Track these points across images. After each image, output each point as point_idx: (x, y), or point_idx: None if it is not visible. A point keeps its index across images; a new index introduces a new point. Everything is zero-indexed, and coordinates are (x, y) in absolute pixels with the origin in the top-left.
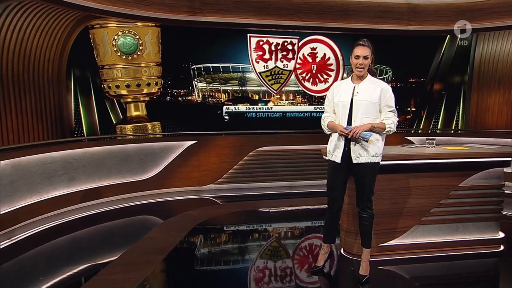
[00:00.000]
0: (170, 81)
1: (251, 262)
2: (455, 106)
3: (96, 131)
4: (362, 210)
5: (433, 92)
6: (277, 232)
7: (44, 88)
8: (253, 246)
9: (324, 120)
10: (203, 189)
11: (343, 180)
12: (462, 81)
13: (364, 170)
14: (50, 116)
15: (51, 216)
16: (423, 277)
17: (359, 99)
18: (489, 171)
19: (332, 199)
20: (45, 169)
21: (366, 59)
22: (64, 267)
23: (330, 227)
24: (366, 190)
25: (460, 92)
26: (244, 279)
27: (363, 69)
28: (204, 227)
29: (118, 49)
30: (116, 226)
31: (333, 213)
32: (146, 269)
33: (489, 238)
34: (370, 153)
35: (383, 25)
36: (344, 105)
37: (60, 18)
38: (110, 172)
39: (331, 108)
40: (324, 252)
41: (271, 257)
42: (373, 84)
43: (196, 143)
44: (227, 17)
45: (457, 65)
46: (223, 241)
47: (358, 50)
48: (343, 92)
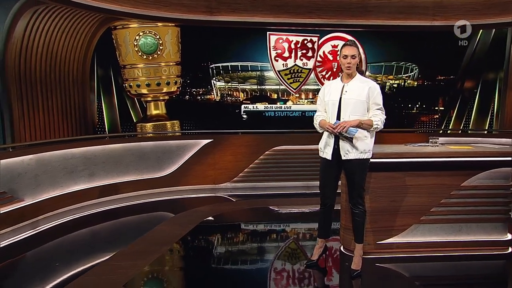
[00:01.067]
0: (189, 80)
1: (250, 255)
2: (489, 104)
3: (117, 129)
4: (353, 206)
5: (464, 90)
6: (282, 230)
7: (70, 87)
8: (255, 242)
9: (316, 119)
10: (219, 187)
11: (334, 177)
12: (496, 78)
13: (353, 167)
14: (74, 115)
15: (72, 209)
16: (424, 276)
17: (347, 97)
18: (494, 171)
19: (324, 195)
20: (66, 164)
21: (354, 58)
22: (80, 256)
23: (323, 223)
24: (356, 186)
25: (494, 90)
26: (240, 271)
27: (352, 67)
28: (211, 222)
29: (139, 49)
30: (132, 221)
31: (326, 209)
32: (151, 258)
33: (496, 240)
34: (359, 149)
35: (406, 21)
36: (334, 103)
37: (84, 20)
38: (127, 169)
39: (323, 107)
40: (319, 246)
41: (270, 252)
42: (362, 83)
43: (212, 142)
44: (244, 16)
45: (491, 61)
46: (227, 235)
47: (346, 50)
48: (333, 91)
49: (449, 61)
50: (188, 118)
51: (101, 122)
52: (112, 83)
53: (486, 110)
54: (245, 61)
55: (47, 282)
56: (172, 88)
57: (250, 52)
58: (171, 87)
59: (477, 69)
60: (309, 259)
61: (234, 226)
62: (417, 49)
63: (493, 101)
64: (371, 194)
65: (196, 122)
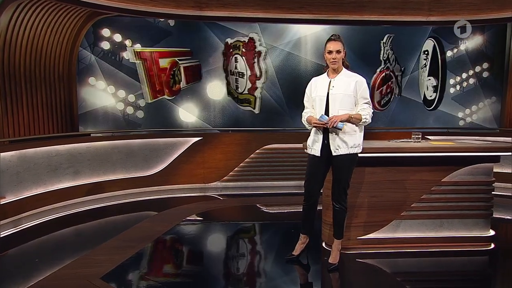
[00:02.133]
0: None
1: (228, 253)
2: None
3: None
4: (336, 203)
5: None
6: (266, 227)
7: (55, 83)
8: (237, 239)
9: (304, 116)
10: (208, 187)
11: (322, 174)
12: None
13: (343, 162)
14: (60, 111)
15: (56, 208)
16: (405, 272)
17: (335, 92)
18: (476, 166)
19: (309, 191)
20: (51, 162)
21: (338, 53)
22: (60, 253)
23: (306, 219)
24: (342, 182)
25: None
26: (217, 268)
27: (337, 62)
28: (194, 219)
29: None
30: (117, 220)
31: (310, 205)
32: (129, 253)
33: (478, 236)
34: (349, 144)
35: (400, 16)
36: (321, 99)
37: (70, 15)
38: (114, 167)
39: (310, 103)
40: (301, 242)
41: (250, 249)
42: (348, 77)
43: (201, 140)
44: (234, 11)
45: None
46: (208, 233)
47: (331, 45)
48: (320, 87)
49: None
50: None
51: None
52: None
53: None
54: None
55: (23, 276)
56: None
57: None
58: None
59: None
60: (290, 254)
61: (217, 224)
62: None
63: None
64: (352, 189)
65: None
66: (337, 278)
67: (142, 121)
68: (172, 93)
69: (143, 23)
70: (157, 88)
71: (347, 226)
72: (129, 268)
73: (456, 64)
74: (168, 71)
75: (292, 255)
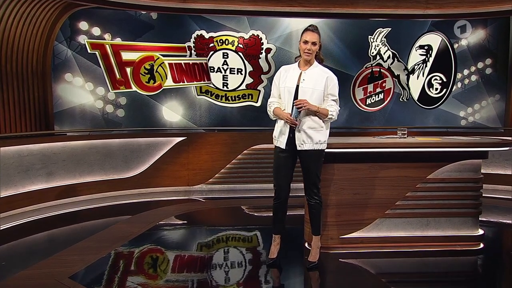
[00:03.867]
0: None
1: (205, 256)
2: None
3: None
4: (310, 198)
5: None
6: (247, 230)
7: (28, 79)
8: (215, 242)
9: (270, 106)
10: (193, 190)
11: (289, 167)
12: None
13: (308, 157)
14: (33, 109)
15: (28, 211)
16: (390, 273)
17: (305, 86)
18: (463, 163)
19: (279, 186)
20: (22, 162)
21: (314, 45)
22: (30, 256)
23: (278, 217)
24: (311, 176)
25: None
26: (192, 271)
27: (311, 54)
28: (172, 221)
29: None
30: (93, 225)
31: (281, 202)
32: (101, 253)
33: (466, 235)
34: (314, 140)
35: (396, 9)
36: (290, 91)
37: (44, 6)
38: (91, 168)
39: (277, 92)
40: (276, 243)
41: (228, 253)
42: (320, 72)
43: (186, 139)
44: (220, 3)
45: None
46: (186, 235)
47: (307, 36)
48: (289, 78)
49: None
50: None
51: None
52: None
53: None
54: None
55: None
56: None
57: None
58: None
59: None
60: (268, 258)
61: (196, 227)
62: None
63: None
64: (334, 186)
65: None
66: (319, 279)
67: (122, 120)
68: (148, 89)
69: (124, 16)
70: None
71: (330, 225)
72: (99, 268)
73: (458, 60)
74: (137, 64)
75: (271, 259)
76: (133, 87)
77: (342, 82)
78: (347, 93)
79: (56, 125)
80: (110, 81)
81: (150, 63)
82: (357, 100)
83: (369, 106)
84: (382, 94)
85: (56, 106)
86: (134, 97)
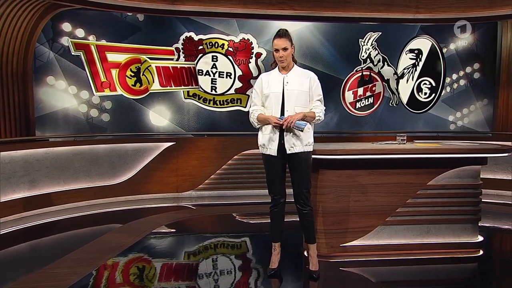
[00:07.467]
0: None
1: (197, 266)
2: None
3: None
4: (302, 206)
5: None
6: (241, 239)
7: (8, 83)
8: (210, 253)
9: (253, 113)
10: (182, 196)
11: (281, 171)
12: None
13: (299, 160)
14: (14, 113)
15: (9, 221)
16: (391, 281)
17: (290, 88)
18: (463, 169)
19: (275, 193)
20: (3, 169)
21: (285, 51)
22: (15, 268)
23: (277, 225)
24: (303, 181)
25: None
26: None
27: (285, 60)
28: (163, 231)
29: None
30: (79, 234)
31: (278, 209)
32: (93, 266)
33: (466, 242)
34: (303, 142)
35: (387, 13)
36: (277, 95)
37: (25, 7)
38: (76, 175)
39: (259, 101)
40: (277, 252)
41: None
42: (301, 73)
43: (174, 145)
44: (209, 6)
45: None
46: (178, 246)
47: (276, 43)
48: (273, 84)
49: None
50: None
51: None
52: None
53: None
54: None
55: None
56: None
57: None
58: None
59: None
60: (269, 268)
61: (188, 236)
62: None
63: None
64: (334, 193)
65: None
66: None
67: (108, 124)
68: (135, 93)
69: (109, 17)
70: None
71: (330, 233)
72: (93, 281)
73: (446, 65)
74: (123, 66)
75: (272, 269)
76: (119, 90)
77: (332, 85)
78: (337, 96)
79: (38, 130)
80: (94, 83)
81: (136, 65)
82: (347, 104)
83: (358, 110)
84: (372, 98)
85: (38, 110)
86: (120, 101)
